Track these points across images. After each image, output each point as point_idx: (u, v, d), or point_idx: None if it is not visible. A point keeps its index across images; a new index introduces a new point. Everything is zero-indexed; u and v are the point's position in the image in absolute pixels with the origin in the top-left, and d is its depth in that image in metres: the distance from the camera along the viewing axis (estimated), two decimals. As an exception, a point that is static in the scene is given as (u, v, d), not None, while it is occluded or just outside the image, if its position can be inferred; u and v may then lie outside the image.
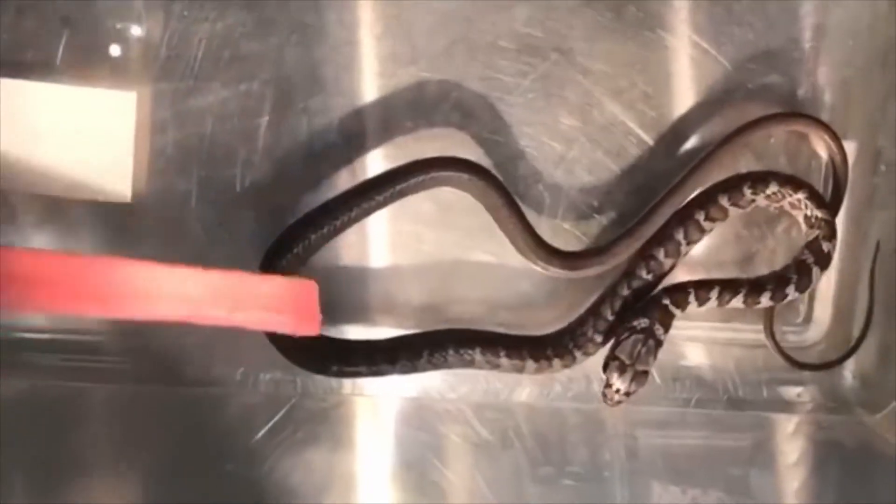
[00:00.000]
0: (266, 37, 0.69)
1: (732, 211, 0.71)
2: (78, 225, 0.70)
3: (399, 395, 0.75)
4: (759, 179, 0.71)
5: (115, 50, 0.68)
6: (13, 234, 0.69)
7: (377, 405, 0.75)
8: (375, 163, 0.71)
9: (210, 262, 0.68)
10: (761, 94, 0.73)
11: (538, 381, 0.74)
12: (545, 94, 0.71)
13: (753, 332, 0.75)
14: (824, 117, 0.73)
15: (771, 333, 0.74)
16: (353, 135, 0.71)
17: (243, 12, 0.69)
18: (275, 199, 0.70)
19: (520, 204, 0.70)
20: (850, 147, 0.73)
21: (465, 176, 0.68)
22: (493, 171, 0.70)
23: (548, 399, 0.75)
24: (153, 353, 0.72)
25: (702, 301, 0.70)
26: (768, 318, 0.74)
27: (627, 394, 0.67)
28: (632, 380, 0.67)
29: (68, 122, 0.67)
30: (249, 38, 0.69)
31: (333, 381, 0.73)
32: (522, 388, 0.75)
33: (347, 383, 0.74)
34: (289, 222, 0.69)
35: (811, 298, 0.76)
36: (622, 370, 0.67)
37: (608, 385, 0.67)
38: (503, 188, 0.69)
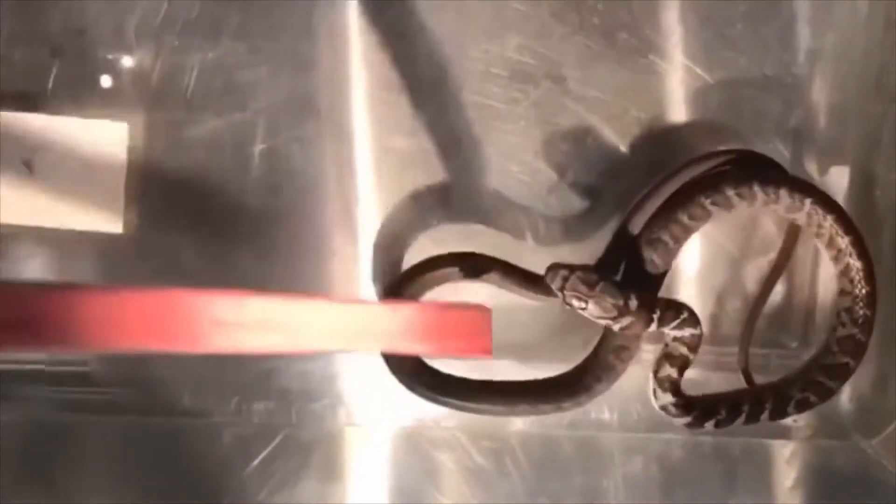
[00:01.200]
0: (258, 66, 0.69)
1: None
2: (69, 256, 0.69)
3: (394, 424, 0.74)
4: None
5: (106, 81, 0.67)
6: (2, 265, 0.69)
7: (372, 434, 0.74)
8: (369, 191, 0.71)
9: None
10: (755, 119, 0.72)
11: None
12: (538, 120, 0.71)
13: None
14: (817, 141, 0.73)
15: (745, 356, 0.73)
16: (346, 163, 0.70)
17: (235, 42, 0.68)
18: (269, 229, 0.70)
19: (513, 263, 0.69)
20: (844, 172, 0.73)
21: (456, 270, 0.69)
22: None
23: (543, 427, 0.74)
24: (146, 383, 0.71)
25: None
26: (745, 339, 0.73)
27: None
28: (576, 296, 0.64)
29: (59, 152, 0.67)
30: (242, 67, 0.69)
31: (327, 410, 0.73)
32: (517, 415, 0.74)
33: (342, 412, 0.73)
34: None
35: (807, 321, 0.76)
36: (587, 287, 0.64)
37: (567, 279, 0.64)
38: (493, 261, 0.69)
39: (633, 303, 0.65)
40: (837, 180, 0.73)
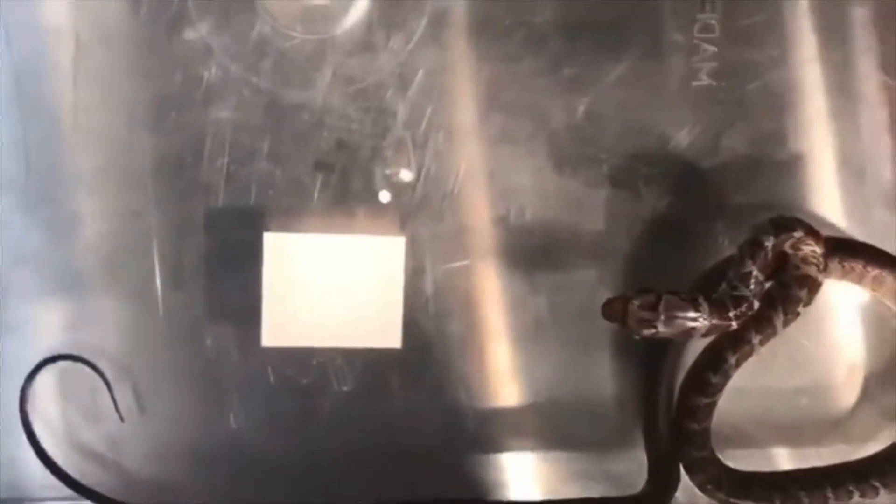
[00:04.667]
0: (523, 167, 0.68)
1: None
2: (342, 370, 0.68)
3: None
4: None
5: (384, 196, 0.66)
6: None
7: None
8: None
9: (476, 405, 0.69)
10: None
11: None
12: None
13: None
14: None
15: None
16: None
17: (497, 145, 0.67)
18: (539, 336, 0.69)
19: None
20: None
21: None
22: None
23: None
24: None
25: None
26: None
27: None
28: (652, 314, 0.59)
29: (336, 271, 0.65)
30: (506, 169, 0.68)
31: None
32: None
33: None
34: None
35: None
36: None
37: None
38: None
39: (704, 306, 0.60)
40: None
